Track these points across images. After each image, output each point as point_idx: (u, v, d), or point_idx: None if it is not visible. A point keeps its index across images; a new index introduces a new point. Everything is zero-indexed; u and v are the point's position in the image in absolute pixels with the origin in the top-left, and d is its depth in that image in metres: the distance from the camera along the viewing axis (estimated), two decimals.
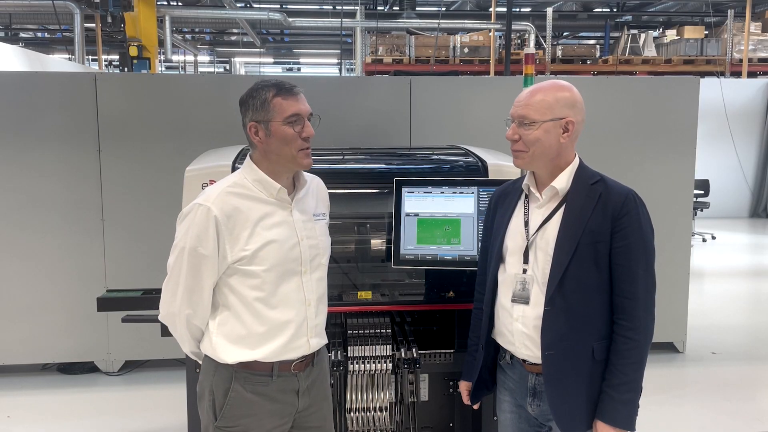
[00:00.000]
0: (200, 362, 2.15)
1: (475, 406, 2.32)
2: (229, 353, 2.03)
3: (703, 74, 12.70)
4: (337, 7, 15.20)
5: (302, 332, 2.08)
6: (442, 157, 3.48)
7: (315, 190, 2.23)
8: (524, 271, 2.03)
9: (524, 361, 2.07)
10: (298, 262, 2.07)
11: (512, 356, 2.11)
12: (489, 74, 13.05)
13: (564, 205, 2.00)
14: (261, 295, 2.01)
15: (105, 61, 15.73)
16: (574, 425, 1.98)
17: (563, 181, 2.01)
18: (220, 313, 2.05)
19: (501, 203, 2.19)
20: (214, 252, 1.97)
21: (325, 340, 2.21)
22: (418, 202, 2.77)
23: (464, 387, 2.30)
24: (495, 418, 2.40)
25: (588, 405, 1.97)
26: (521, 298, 2.03)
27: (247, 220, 1.99)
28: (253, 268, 1.99)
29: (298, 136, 2.00)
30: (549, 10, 13.92)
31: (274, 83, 2.02)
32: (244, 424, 2.04)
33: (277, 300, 2.03)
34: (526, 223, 2.06)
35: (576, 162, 2.04)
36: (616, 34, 16.00)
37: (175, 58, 18.27)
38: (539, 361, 2.00)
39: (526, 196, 2.10)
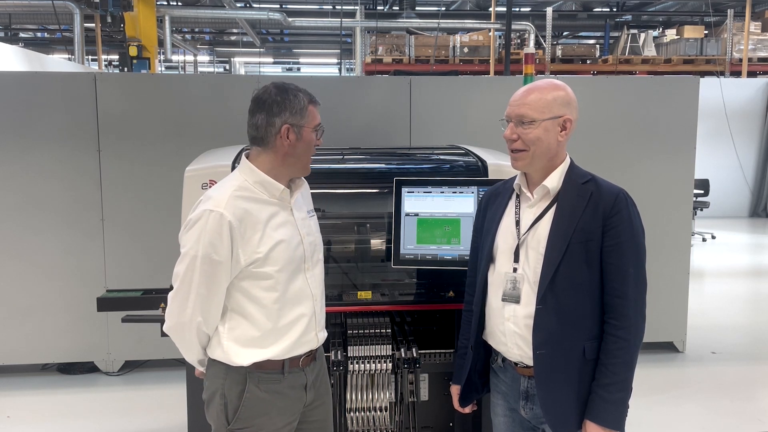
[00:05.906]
0: (202, 369, 2.16)
1: (466, 410, 2.30)
2: (243, 356, 2.04)
3: (703, 74, 12.69)
4: (337, 7, 15.19)
5: (311, 327, 2.14)
6: (442, 157, 3.48)
7: (303, 188, 2.26)
8: (515, 270, 2.03)
9: (516, 364, 2.06)
10: (302, 260, 2.11)
11: (504, 359, 2.11)
12: (489, 74, 13.04)
13: (555, 205, 2.00)
14: (276, 295, 2.04)
15: (105, 61, 15.72)
16: (565, 425, 1.98)
17: (554, 181, 2.01)
18: (229, 317, 2.06)
19: (492, 203, 2.19)
20: (228, 257, 1.97)
21: (326, 333, 2.27)
22: (418, 202, 2.77)
23: (454, 391, 2.29)
24: None
25: (579, 405, 1.97)
26: (512, 297, 2.02)
27: (257, 223, 2.01)
28: (267, 270, 2.01)
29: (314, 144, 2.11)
30: (549, 10, 13.92)
31: (303, 90, 2.07)
32: (257, 425, 2.06)
33: (290, 298, 2.07)
34: (518, 223, 2.06)
35: (567, 161, 2.05)
36: (616, 34, 15.99)
37: (174, 58, 18.28)
38: (531, 363, 1.99)
39: (518, 196, 2.10)
